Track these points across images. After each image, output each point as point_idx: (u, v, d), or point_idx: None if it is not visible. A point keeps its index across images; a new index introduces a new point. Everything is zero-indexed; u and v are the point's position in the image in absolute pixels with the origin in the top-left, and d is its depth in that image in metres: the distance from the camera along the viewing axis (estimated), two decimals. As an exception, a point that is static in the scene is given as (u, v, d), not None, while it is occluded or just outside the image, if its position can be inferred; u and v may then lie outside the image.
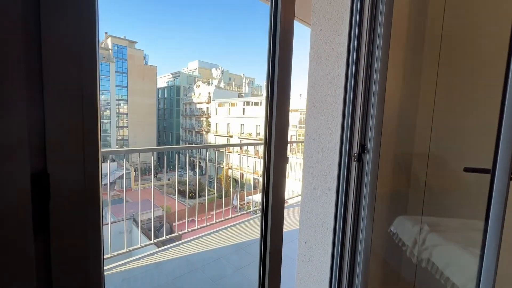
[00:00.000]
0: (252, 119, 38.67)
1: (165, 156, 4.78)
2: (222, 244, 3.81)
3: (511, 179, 0.98)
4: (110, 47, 45.72)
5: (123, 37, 48.09)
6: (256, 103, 38.88)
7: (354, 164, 1.37)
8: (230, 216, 4.96)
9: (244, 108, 40.34)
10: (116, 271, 3.06)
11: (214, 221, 4.41)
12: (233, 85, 56.04)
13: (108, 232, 3.68)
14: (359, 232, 1.33)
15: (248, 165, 40.26)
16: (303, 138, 1.69)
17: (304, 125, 1.76)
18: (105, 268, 3.06)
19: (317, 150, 1.56)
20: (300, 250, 1.69)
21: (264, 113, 1.16)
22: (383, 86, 1.29)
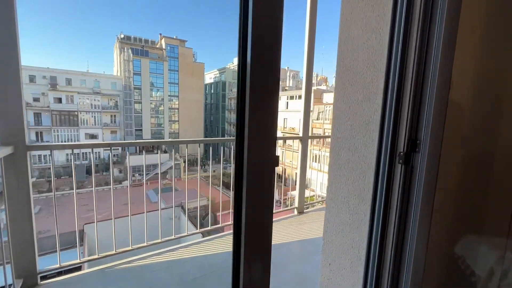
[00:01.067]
0: (295, 113, 37.76)
1: (210, 148, 4.92)
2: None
3: None
4: (164, 47, 49.44)
5: (174, 37, 51.44)
6: (300, 97, 37.82)
7: (399, 167, 1.01)
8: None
9: (287, 102, 39.61)
10: (166, 258, 3.20)
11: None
12: (277, 78, 55.45)
13: (158, 218, 3.85)
14: (403, 258, 0.97)
15: (291, 160, 39.74)
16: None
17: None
18: (155, 252, 3.16)
19: (347, 146, 1.22)
20: (323, 272, 1.35)
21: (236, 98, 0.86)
22: (448, 57, 0.89)
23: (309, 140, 4.29)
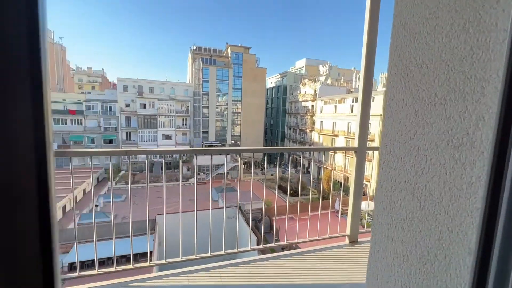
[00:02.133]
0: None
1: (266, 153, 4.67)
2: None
3: None
4: (229, 55, 52.73)
5: (239, 45, 54.28)
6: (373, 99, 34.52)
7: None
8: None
9: (352, 105, 36.80)
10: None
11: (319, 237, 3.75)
12: (342, 80, 52.33)
13: (219, 216, 3.76)
14: None
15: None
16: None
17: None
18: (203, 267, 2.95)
19: (410, 188, 0.73)
20: None
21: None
22: None
23: (368, 153, 3.44)
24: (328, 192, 32.70)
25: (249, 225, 20.54)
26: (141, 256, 18.94)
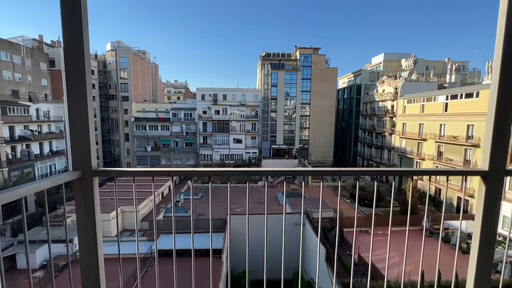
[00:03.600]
0: (460, 117, 28.38)
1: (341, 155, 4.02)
2: None
3: None
4: (298, 58, 52.02)
5: (309, 46, 52.92)
6: (469, 95, 28.07)
7: None
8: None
9: (446, 103, 30.60)
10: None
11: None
12: (431, 74, 44.45)
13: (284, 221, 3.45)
14: None
15: (450, 179, 30.25)
16: None
17: None
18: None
19: None
20: None
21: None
22: None
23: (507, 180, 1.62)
24: (413, 206, 27.90)
25: (317, 235, 19.33)
26: (213, 252, 20.14)
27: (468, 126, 27.58)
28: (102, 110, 51.58)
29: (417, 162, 34.93)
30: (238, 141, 47.85)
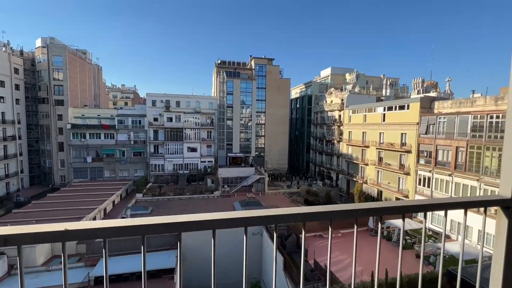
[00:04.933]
0: (395, 126, 32.12)
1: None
2: None
3: None
4: (253, 67, 53.00)
5: (263, 57, 54.44)
6: (401, 107, 32.00)
7: None
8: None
9: (384, 114, 34.37)
10: None
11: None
12: (371, 88, 49.77)
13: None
14: None
15: (389, 182, 33.67)
16: None
17: None
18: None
19: None
20: None
21: None
22: None
23: None
24: (359, 208, 30.11)
25: (273, 242, 19.25)
26: (164, 272, 18.33)
27: (402, 134, 31.33)
28: (29, 115, 44.18)
29: (361, 167, 38.20)
30: (193, 149, 45.92)
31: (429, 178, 27.68)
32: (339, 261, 20.16)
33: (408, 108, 30.79)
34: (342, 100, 44.28)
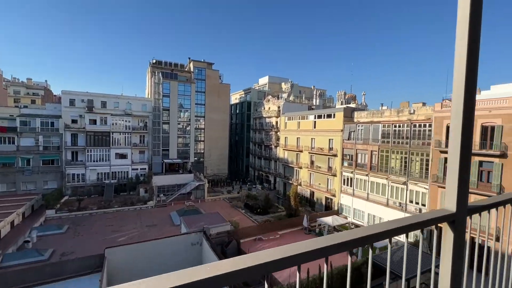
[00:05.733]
0: (324, 133, 35.82)
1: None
2: None
3: None
4: (192, 70, 51.35)
5: (202, 60, 53.40)
6: (329, 116, 35.93)
7: None
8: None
9: (315, 121, 37.96)
10: None
11: None
12: (303, 97, 54.40)
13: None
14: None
15: (319, 183, 37.06)
16: None
17: None
18: None
19: None
20: None
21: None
22: None
23: (469, 219, 1.24)
24: (295, 209, 32.30)
25: (215, 252, 18.71)
26: (84, 302, 15.58)
27: (329, 139, 35.11)
28: None
29: (296, 170, 41.08)
30: (122, 156, 41.15)
31: (351, 178, 31.70)
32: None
33: (334, 116, 34.79)
34: (279, 107, 46.99)
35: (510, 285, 1.64)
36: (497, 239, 1.47)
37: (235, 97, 67.51)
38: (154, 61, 49.27)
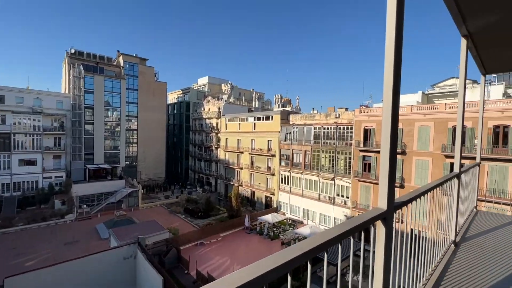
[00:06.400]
0: (263, 134, 37.30)
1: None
2: None
3: None
4: (121, 64, 46.26)
5: (134, 55, 48.74)
6: (267, 118, 37.59)
7: None
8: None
9: (254, 123, 39.15)
10: None
11: None
12: (243, 100, 55.45)
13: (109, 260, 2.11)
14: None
15: (259, 182, 38.36)
16: None
17: None
18: None
19: None
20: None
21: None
22: None
23: (395, 214, 1.52)
24: (237, 209, 32.59)
25: (152, 264, 17.25)
26: None
27: (268, 141, 36.75)
28: None
29: (237, 171, 41.55)
30: (30, 162, 33.99)
31: (288, 177, 33.89)
32: (221, 264, 20.77)
33: (272, 119, 36.59)
34: (219, 108, 46.69)
35: (427, 262, 2.05)
36: (418, 227, 1.82)
37: (172, 97, 63.96)
38: (73, 51, 42.46)
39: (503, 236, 3.61)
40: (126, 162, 45.52)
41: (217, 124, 47.12)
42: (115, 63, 47.01)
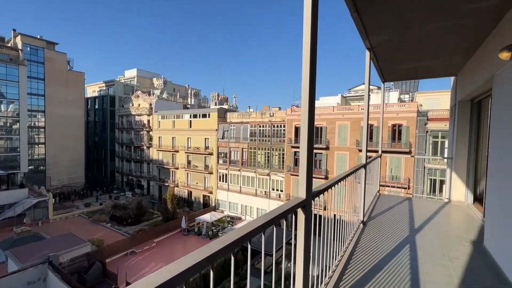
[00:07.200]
0: (200, 132, 36.30)
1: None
2: None
3: None
4: (20, 47, 37.62)
5: (39, 37, 40.36)
6: (204, 115, 36.73)
7: None
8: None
9: (191, 121, 37.72)
10: None
11: None
12: (178, 96, 52.65)
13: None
14: None
15: (197, 182, 37.30)
16: None
17: None
18: None
19: None
20: None
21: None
22: None
23: (313, 201, 1.68)
24: (172, 212, 30.87)
25: (69, 284, 14.77)
26: None
27: (205, 139, 36.00)
28: None
29: (172, 171, 39.34)
30: None
31: (226, 175, 34.00)
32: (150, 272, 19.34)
33: (209, 116, 35.96)
34: (151, 104, 43.15)
35: (343, 241, 2.38)
36: (329, 211, 2.11)
37: (93, 90, 55.78)
38: None
39: (397, 212, 4.52)
40: (30, 167, 37.57)
41: (148, 121, 43.44)
42: (9, 45, 37.95)
